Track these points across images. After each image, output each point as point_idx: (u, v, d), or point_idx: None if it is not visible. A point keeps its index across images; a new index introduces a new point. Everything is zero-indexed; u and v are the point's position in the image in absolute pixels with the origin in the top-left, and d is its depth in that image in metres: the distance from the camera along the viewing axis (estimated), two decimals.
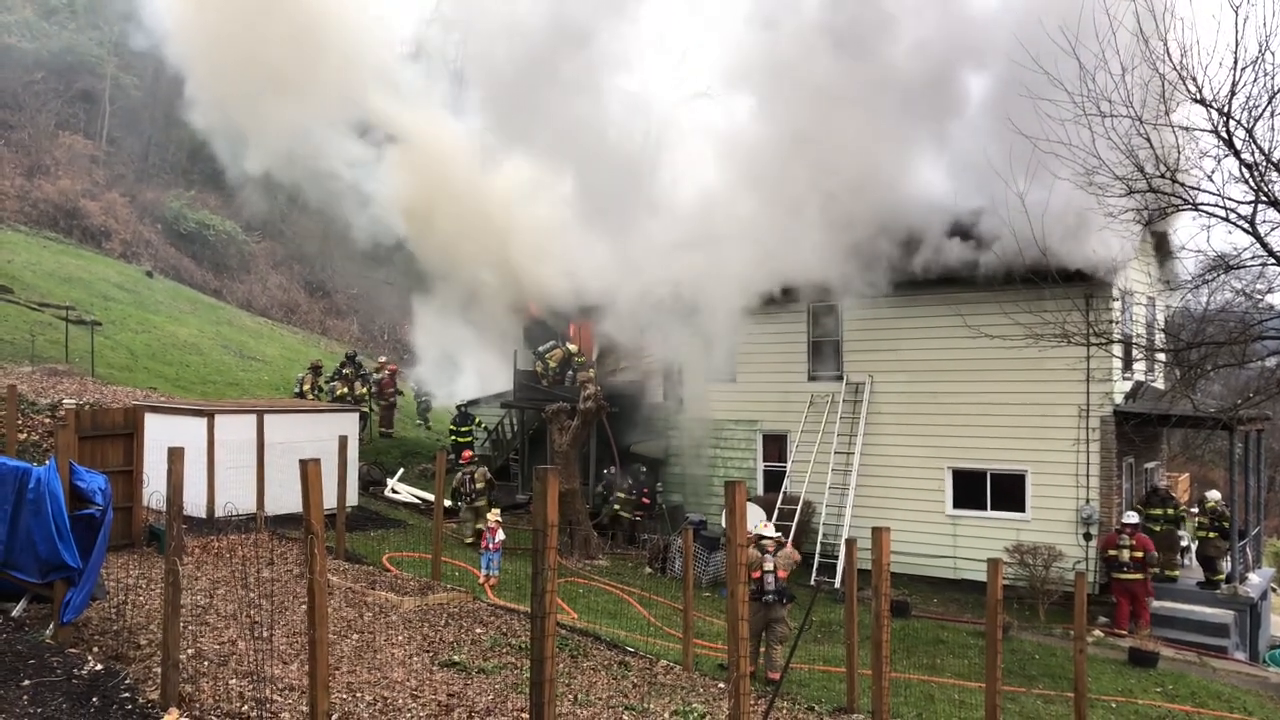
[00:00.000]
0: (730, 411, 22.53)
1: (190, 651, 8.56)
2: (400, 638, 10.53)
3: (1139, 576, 16.64)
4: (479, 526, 18.64)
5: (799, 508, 20.30)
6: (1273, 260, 11.22)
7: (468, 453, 21.38)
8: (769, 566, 12.02)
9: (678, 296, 20.64)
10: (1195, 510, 19.01)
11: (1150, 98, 10.87)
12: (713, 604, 17.01)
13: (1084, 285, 16.92)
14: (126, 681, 7.65)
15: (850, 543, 11.37)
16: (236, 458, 15.99)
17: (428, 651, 10.17)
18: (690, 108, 25.85)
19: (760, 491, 21.61)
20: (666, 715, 9.10)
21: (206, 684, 7.83)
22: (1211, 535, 18.04)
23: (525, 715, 7.78)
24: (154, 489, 11.00)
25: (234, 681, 7.97)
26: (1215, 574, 17.81)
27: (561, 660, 10.48)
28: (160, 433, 14.10)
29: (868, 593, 9.11)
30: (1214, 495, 18.74)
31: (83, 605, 8.67)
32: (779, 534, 14.05)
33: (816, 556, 19.60)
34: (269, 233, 42.96)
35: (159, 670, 7.49)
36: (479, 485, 19.66)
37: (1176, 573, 18.38)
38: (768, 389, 21.98)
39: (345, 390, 24.89)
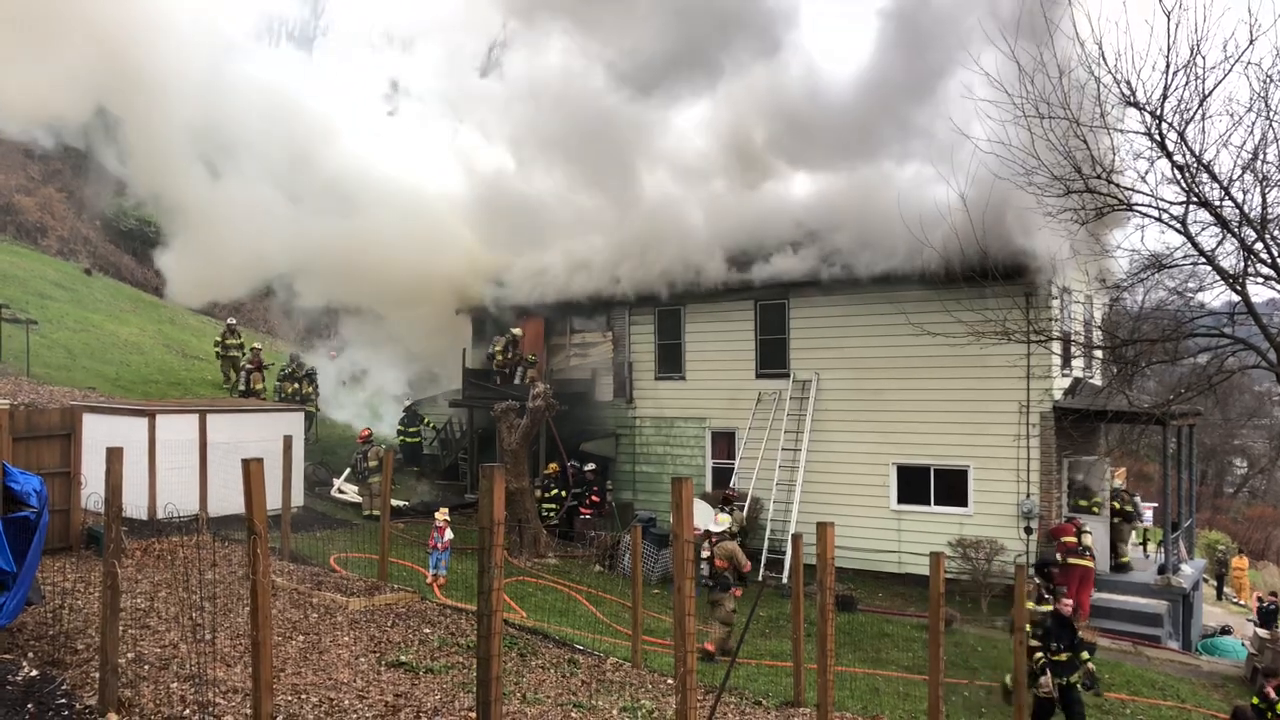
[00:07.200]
0: (680, 409, 22.63)
1: (130, 655, 8.42)
2: (347, 639, 10.43)
3: (1092, 563, 16.90)
4: (365, 500, 20.60)
5: (747, 504, 20.45)
6: (1203, 260, 11.57)
7: (365, 430, 22.42)
8: (705, 554, 12.70)
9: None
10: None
11: (1086, 100, 11.13)
12: (662, 601, 17.03)
13: (1024, 283, 17.28)
14: (63, 687, 7.50)
15: (796, 538, 11.48)
16: (179, 458, 15.72)
17: (375, 652, 10.09)
18: None
19: (709, 488, 21.71)
20: (615, 712, 9.12)
21: (147, 688, 7.70)
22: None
23: (473, 714, 7.77)
24: (92, 490, 10.77)
25: (175, 685, 7.85)
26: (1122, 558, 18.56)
27: (510, 659, 10.47)
28: (100, 433, 13.82)
29: (814, 587, 9.21)
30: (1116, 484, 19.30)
31: (17, 610, 8.45)
32: (728, 527, 14.41)
33: (764, 552, 19.74)
34: None
35: (97, 675, 7.36)
36: (371, 464, 20.48)
37: (1126, 559, 18.85)
38: (717, 386, 22.11)
39: (294, 389, 24.62)
